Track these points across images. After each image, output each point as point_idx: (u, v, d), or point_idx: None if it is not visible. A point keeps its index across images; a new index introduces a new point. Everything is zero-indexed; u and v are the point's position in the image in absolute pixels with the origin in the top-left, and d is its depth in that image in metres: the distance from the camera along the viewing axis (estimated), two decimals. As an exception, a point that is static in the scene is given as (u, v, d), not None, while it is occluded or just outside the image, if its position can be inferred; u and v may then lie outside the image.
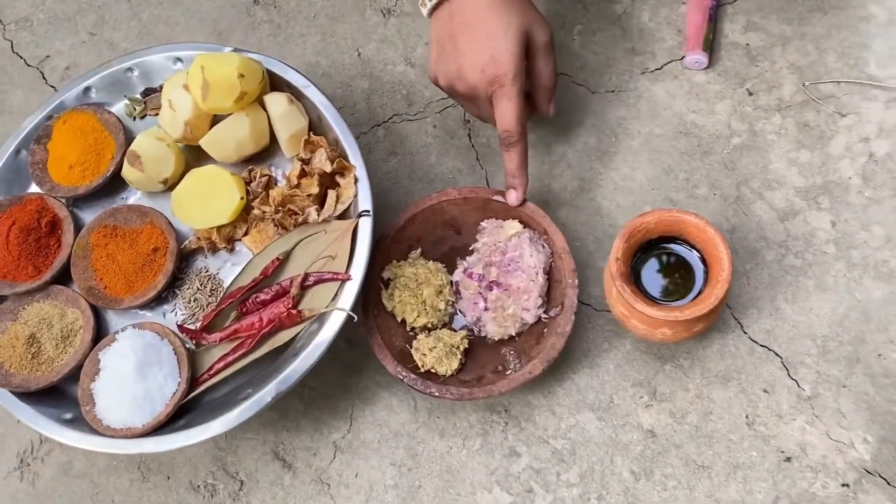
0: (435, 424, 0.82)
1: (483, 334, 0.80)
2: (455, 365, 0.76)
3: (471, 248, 0.82)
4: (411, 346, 0.78)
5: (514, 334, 0.79)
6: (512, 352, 0.78)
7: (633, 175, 0.90)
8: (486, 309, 0.79)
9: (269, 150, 0.85)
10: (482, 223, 0.82)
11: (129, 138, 0.84)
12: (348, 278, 0.76)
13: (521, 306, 0.78)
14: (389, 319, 0.80)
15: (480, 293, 0.80)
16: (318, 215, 0.78)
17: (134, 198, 0.87)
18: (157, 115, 0.86)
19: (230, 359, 0.76)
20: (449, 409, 0.82)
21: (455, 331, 0.80)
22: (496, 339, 0.79)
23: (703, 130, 0.91)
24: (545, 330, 0.77)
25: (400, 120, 0.96)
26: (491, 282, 0.79)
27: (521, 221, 0.80)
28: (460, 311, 0.82)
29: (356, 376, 0.84)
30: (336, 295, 0.77)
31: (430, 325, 0.80)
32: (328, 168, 0.78)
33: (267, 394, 0.73)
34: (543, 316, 0.78)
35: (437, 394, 0.74)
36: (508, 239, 0.79)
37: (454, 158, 0.96)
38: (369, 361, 0.85)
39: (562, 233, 0.79)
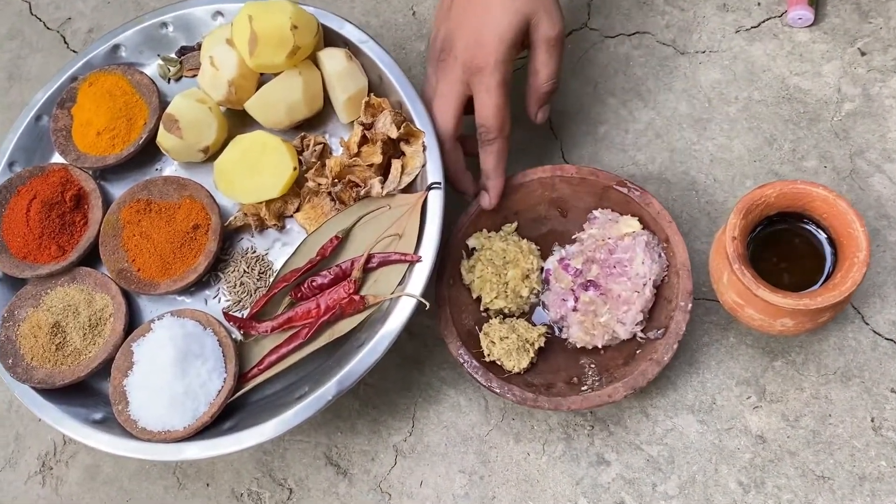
0: (509, 427, 0.72)
1: (564, 336, 0.71)
2: (525, 363, 0.68)
3: (574, 237, 0.73)
4: (481, 330, 0.69)
5: (599, 346, 0.69)
6: (592, 365, 0.69)
7: (731, 145, 0.79)
8: (574, 309, 0.69)
9: (321, 115, 0.76)
10: (595, 212, 0.72)
11: (164, 102, 0.75)
12: (418, 259, 0.66)
13: (617, 318, 0.68)
14: (463, 293, 0.71)
15: (573, 290, 0.69)
16: (382, 188, 0.68)
17: (170, 169, 0.77)
18: (195, 76, 0.77)
19: (283, 351, 0.67)
20: (526, 411, 0.73)
21: (533, 325, 0.70)
22: (578, 345, 0.70)
23: (810, 95, 0.80)
24: (638, 352, 0.67)
25: (461, 85, 0.85)
26: (588, 281, 0.69)
27: (640, 220, 0.70)
28: (544, 303, 0.72)
29: (418, 371, 0.76)
30: (403, 279, 0.67)
31: (506, 311, 0.71)
32: (394, 133, 0.67)
33: (327, 392, 0.63)
34: (640, 335, 0.68)
35: (497, 390, 0.65)
36: (621, 237, 0.69)
37: (524, 126, 0.85)
38: (433, 355, 0.76)
39: (685, 246, 0.68)
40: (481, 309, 0.71)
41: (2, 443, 0.81)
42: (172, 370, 0.64)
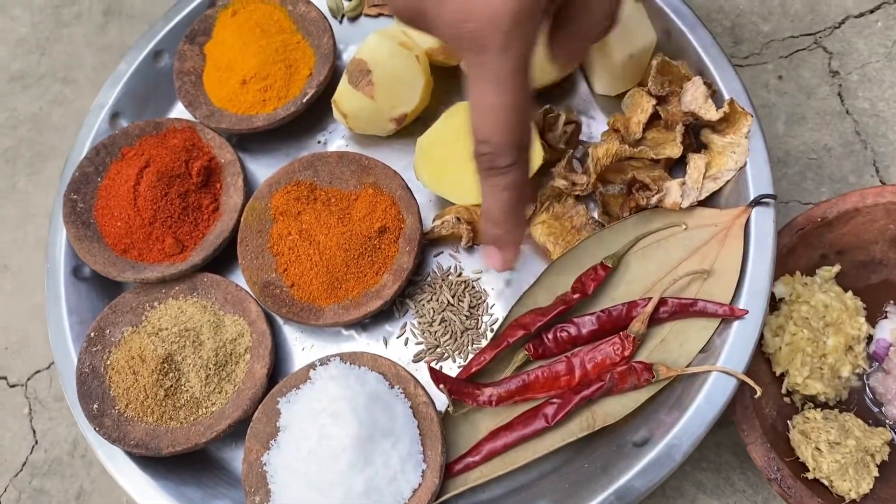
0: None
1: None
2: (865, 487, 0.47)
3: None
4: (791, 426, 0.49)
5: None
6: (966, 496, 0.48)
7: None
8: (937, 408, 0.47)
9: (564, 83, 0.51)
10: None
11: (338, 49, 0.51)
12: (743, 315, 0.42)
13: None
14: (760, 366, 0.50)
15: (933, 378, 0.47)
16: (682, 196, 0.44)
17: (338, 144, 0.54)
18: (381, 14, 0.53)
19: (513, 437, 0.43)
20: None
21: (869, 425, 0.49)
22: (942, 464, 0.49)
23: None
24: None
25: (723, 65, 0.62)
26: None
27: None
28: (871, 390, 0.52)
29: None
30: (709, 342, 0.43)
31: (821, 398, 0.51)
32: (712, 114, 0.44)
33: (592, 514, 0.40)
34: None
35: None
36: None
37: (816, 129, 0.62)
38: None
39: None
40: (783, 391, 0.50)
41: (59, 499, 0.59)
42: (350, 454, 0.41)
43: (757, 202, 0.44)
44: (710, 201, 0.47)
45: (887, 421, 0.50)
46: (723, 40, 0.66)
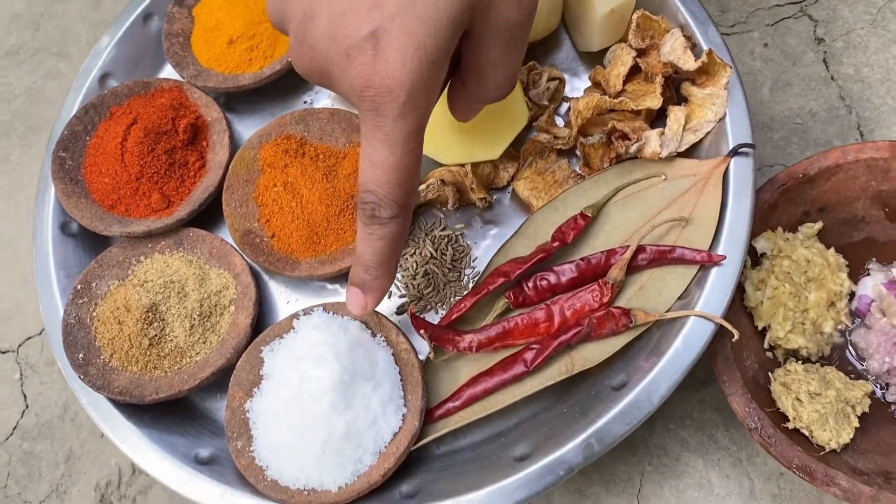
0: (793, 524, 0.49)
1: (891, 399, 0.50)
2: (845, 437, 0.47)
3: (910, 253, 0.52)
4: (772, 378, 0.49)
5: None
6: (947, 451, 0.48)
7: None
8: (918, 364, 0.48)
9: (546, 40, 0.52)
10: None
11: (323, 8, 0.51)
12: (721, 260, 0.42)
13: None
14: (742, 320, 0.50)
15: (913, 333, 0.47)
16: (661, 146, 0.44)
17: (324, 103, 0.54)
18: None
19: (494, 382, 0.43)
20: (817, 499, 0.48)
21: (849, 377, 0.49)
22: (920, 416, 0.49)
23: None
24: None
25: (709, 33, 0.62)
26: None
27: None
28: (854, 346, 0.52)
29: (646, 427, 0.54)
30: (688, 289, 0.43)
31: (803, 353, 0.50)
32: (690, 64, 0.44)
33: (568, 456, 0.40)
34: None
35: (819, 476, 0.44)
36: None
37: (801, 95, 0.63)
38: (671, 404, 0.54)
39: None
40: (765, 346, 0.50)
41: (48, 462, 0.59)
42: (330, 397, 0.41)
43: (735, 151, 0.45)
44: (690, 154, 0.47)
45: (869, 375, 0.50)
46: (709, 9, 0.66)
